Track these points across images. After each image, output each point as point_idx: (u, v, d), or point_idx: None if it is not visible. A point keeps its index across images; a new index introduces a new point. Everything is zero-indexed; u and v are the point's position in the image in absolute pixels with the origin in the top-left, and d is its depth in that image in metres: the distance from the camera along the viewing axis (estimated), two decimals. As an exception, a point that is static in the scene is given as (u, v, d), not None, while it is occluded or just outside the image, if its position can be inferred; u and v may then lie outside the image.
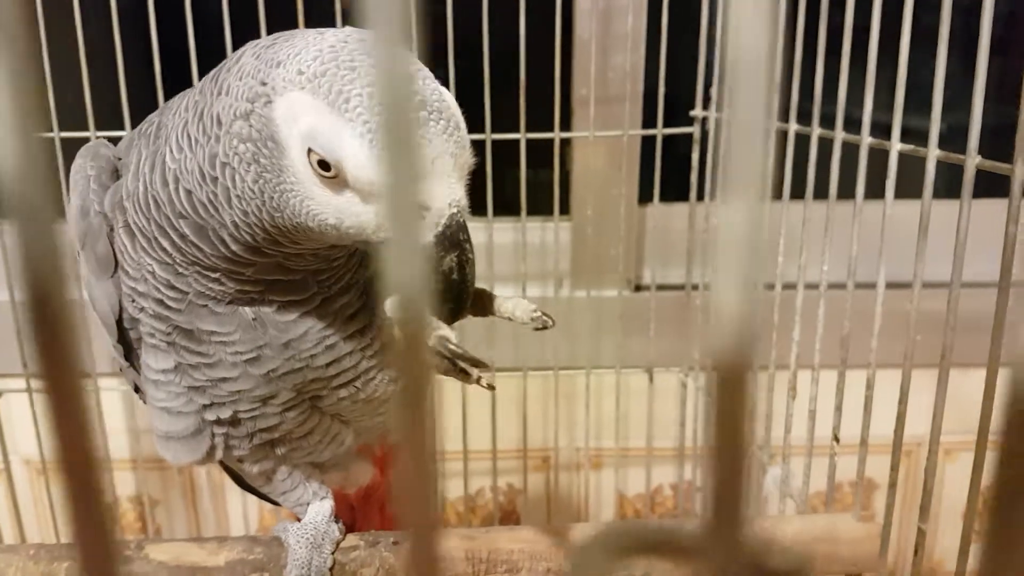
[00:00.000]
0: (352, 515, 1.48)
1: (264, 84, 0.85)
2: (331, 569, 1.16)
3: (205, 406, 1.09)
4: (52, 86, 1.54)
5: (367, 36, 0.87)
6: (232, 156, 0.88)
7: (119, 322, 1.07)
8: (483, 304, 1.11)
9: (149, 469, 2.06)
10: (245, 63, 0.89)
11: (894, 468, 1.16)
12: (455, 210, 0.85)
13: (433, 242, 0.86)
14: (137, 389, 1.19)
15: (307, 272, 1.00)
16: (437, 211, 0.85)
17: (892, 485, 1.16)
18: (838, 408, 1.27)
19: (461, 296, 0.90)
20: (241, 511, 2.12)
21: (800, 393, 1.37)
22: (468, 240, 0.87)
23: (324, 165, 0.84)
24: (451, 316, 0.92)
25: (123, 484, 2.03)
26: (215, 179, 0.90)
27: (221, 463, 1.23)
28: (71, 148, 1.58)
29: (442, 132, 0.84)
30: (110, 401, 1.86)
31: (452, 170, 0.85)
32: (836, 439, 1.28)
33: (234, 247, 0.94)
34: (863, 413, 1.21)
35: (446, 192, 0.85)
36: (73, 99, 1.58)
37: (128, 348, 1.11)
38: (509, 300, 1.09)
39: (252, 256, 0.95)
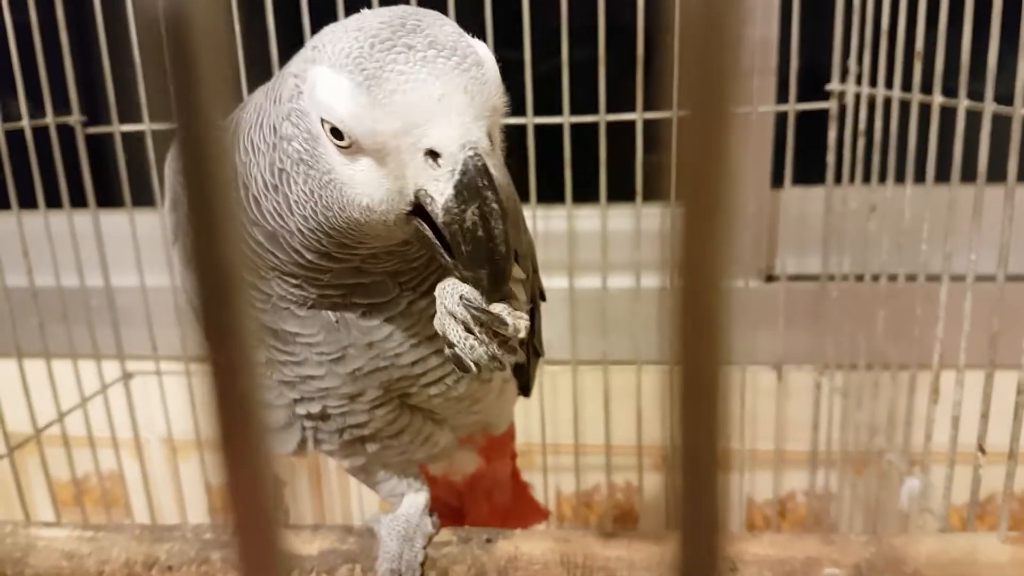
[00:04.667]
0: (460, 501, 1.46)
1: (296, 76, 0.83)
2: (422, 564, 1.12)
3: (295, 400, 1.07)
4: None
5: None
6: (286, 160, 0.85)
7: None
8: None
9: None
10: (291, 63, 0.86)
11: (1047, 486, 1.02)
12: (471, 153, 0.76)
13: (452, 194, 0.77)
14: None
15: (386, 274, 0.96)
16: (450, 157, 0.77)
17: (1044, 506, 1.03)
18: (985, 414, 1.14)
19: (494, 256, 0.80)
20: (358, 496, 2.13)
21: (943, 396, 1.25)
22: (490, 187, 0.77)
23: (337, 133, 0.79)
24: (492, 283, 0.81)
25: (250, 465, 2.07)
26: (276, 187, 0.88)
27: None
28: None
29: (453, 68, 0.76)
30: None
31: (466, 108, 0.77)
32: (982, 450, 1.14)
33: (308, 256, 0.91)
34: (1013, 420, 1.09)
35: (457, 133, 0.76)
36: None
37: None
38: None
39: (327, 263, 0.92)
